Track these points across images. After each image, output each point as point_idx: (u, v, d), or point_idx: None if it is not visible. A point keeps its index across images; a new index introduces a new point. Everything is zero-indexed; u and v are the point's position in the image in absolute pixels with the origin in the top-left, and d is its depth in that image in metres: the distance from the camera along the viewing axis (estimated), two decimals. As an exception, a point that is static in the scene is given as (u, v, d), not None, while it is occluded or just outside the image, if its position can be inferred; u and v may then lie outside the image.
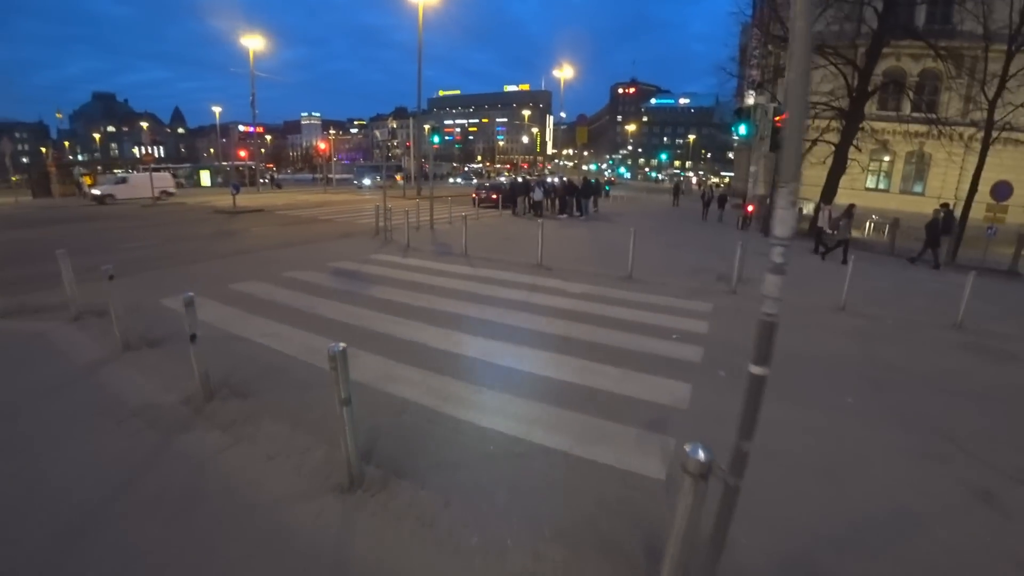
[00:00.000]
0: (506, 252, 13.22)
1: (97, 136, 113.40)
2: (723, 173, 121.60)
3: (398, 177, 51.72)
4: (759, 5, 39.82)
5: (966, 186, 34.18)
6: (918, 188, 36.40)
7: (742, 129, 11.13)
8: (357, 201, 30.78)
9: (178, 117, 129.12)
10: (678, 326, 7.74)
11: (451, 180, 72.91)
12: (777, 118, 10.12)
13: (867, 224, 26.68)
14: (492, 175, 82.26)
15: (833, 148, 23.34)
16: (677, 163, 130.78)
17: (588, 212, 23.61)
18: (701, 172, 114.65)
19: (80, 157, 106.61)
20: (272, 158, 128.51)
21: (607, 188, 41.17)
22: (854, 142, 23.19)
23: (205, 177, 54.59)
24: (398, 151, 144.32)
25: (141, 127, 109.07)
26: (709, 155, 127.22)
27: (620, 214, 26.90)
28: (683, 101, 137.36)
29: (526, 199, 23.31)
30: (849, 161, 23.66)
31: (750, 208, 11.32)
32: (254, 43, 40.16)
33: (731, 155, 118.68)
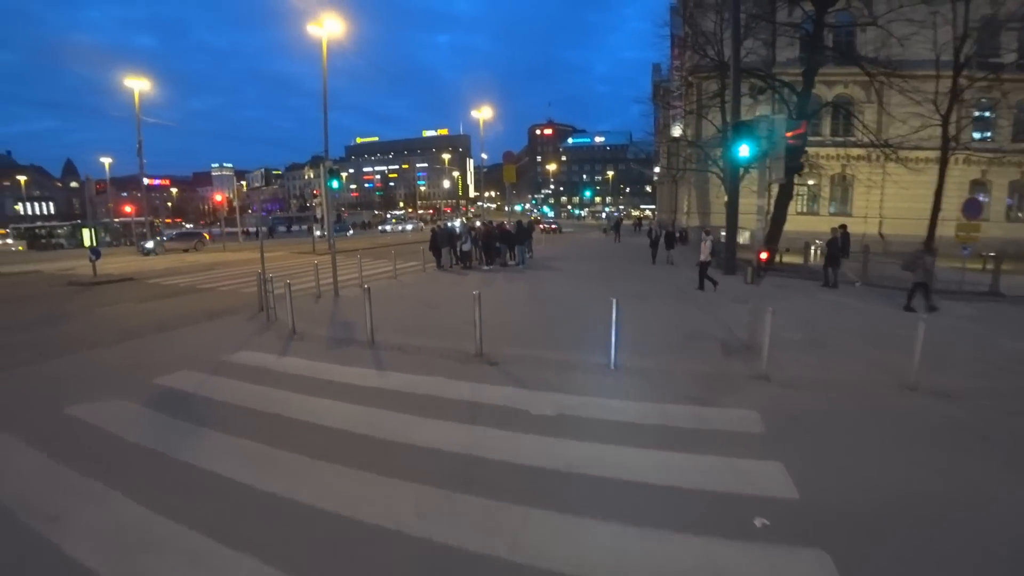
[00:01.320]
0: (430, 331, 9.47)
1: None
2: (642, 206, 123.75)
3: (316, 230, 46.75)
4: (679, 40, 39.24)
5: (890, 205, 35.14)
6: (844, 209, 36.40)
7: (743, 150, 8.21)
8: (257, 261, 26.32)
9: (70, 170, 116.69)
10: (738, 480, 4.36)
11: (381, 228, 69.25)
12: (790, 132, 7.21)
13: (813, 249, 25.12)
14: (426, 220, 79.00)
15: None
16: (598, 199, 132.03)
17: (524, 260, 20.41)
18: (622, 207, 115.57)
19: None
20: (179, 212, 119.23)
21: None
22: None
23: (89, 237, 47.49)
24: (316, 200, 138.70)
25: (19, 181, 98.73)
26: (628, 189, 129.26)
27: (558, 257, 23.88)
28: (599, 139, 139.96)
29: (452, 250, 19.87)
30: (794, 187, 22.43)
31: (764, 255, 8.16)
32: (139, 85, 35.97)
33: (649, 188, 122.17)
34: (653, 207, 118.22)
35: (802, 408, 6.13)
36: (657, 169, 66.41)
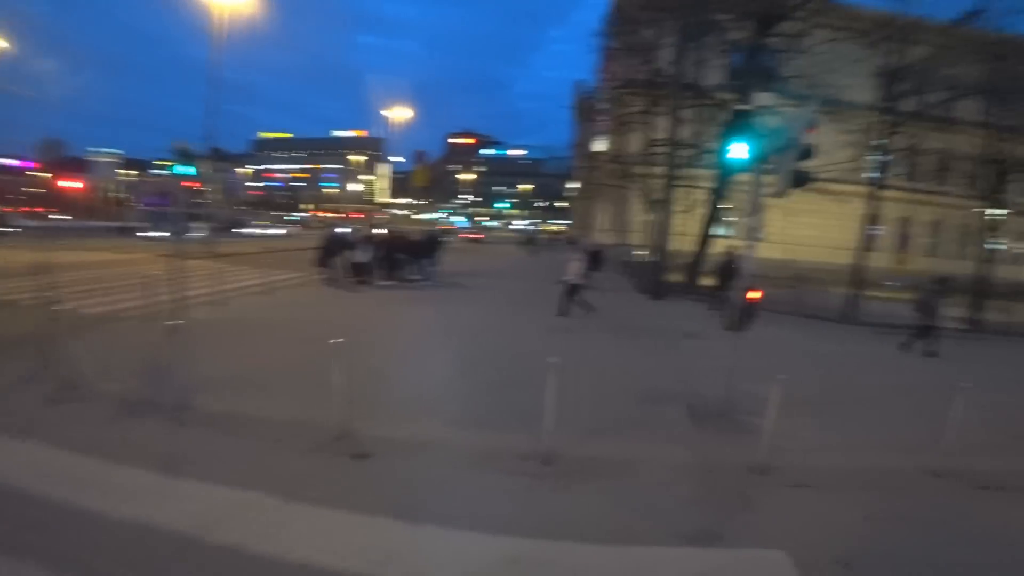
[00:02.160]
0: (284, 384, 6.48)
1: None
2: (555, 221, 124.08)
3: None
4: (610, 53, 38.14)
5: (795, 232, 35.87)
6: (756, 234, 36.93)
7: (738, 150, 5.92)
8: (117, 264, 21.67)
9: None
10: None
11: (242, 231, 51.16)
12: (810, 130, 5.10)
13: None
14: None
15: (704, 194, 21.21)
16: (514, 212, 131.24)
17: (430, 275, 17.64)
18: (537, 221, 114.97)
19: None
20: (49, 200, 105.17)
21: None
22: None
23: None
24: (215, 196, 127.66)
25: None
26: (543, 204, 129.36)
27: (470, 274, 21.26)
28: (515, 152, 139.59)
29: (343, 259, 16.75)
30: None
31: (756, 295, 5.95)
32: None
33: (564, 204, 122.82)
34: (568, 222, 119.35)
35: (843, 532, 3.92)
36: (573, 184, 65.77)
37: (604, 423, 5.82)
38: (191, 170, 10.42)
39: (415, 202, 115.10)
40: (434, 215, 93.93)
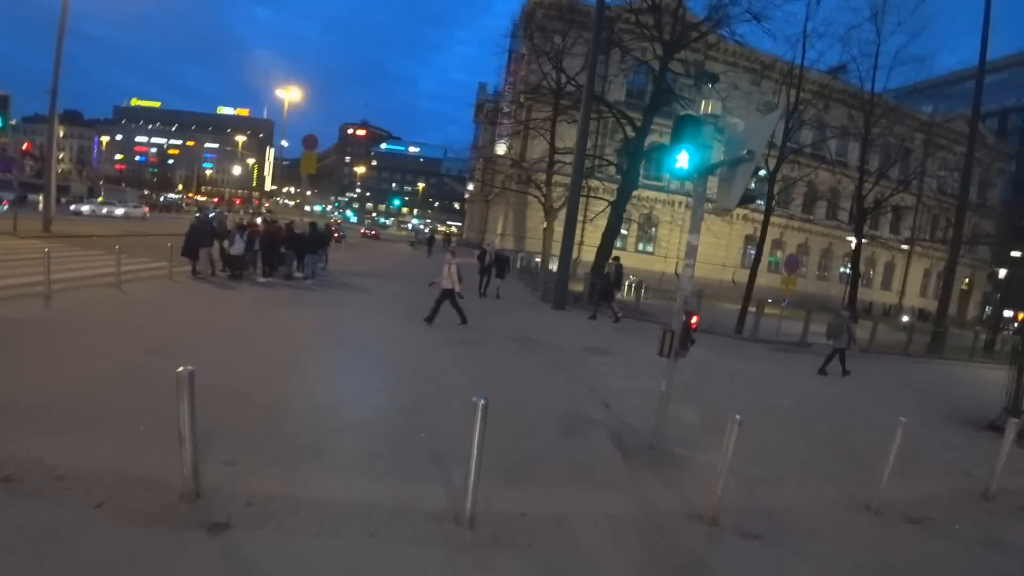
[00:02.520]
0: (110, 421, 4.74)
1: None
2: (449, 223, 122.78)
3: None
4: (517, 57, 37.73)
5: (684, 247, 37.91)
6: (649, 248, 38.58)
7: (681, 159, 5.26)
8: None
9: None
10: None
11: (73, 208, 36.73)
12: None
13: (626, 284, 24.96)
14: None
15: (606, 205, 21.39)
16: (406, 210, 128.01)
17: (316, 273, 15.95)
18: (430, 221, 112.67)
19: None
20: None
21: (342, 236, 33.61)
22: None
23: None
24: (65, 165, 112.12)
25: None
26: (437, 204, 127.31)
27: (360, 273, 19.61)
28: (413, 149, 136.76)
29: (218, 251, 14.70)
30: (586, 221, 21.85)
31: (694, 320, 5.39)
32: None
33: (458, 206, 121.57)
34: (460, 224, 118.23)
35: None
36: (471, 187, 64.99)
37: (527, 463, 4.93)
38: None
39: (304, 192, 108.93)
40: (323, 208, 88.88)
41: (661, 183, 33.46)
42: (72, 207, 34.49)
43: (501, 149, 36.53)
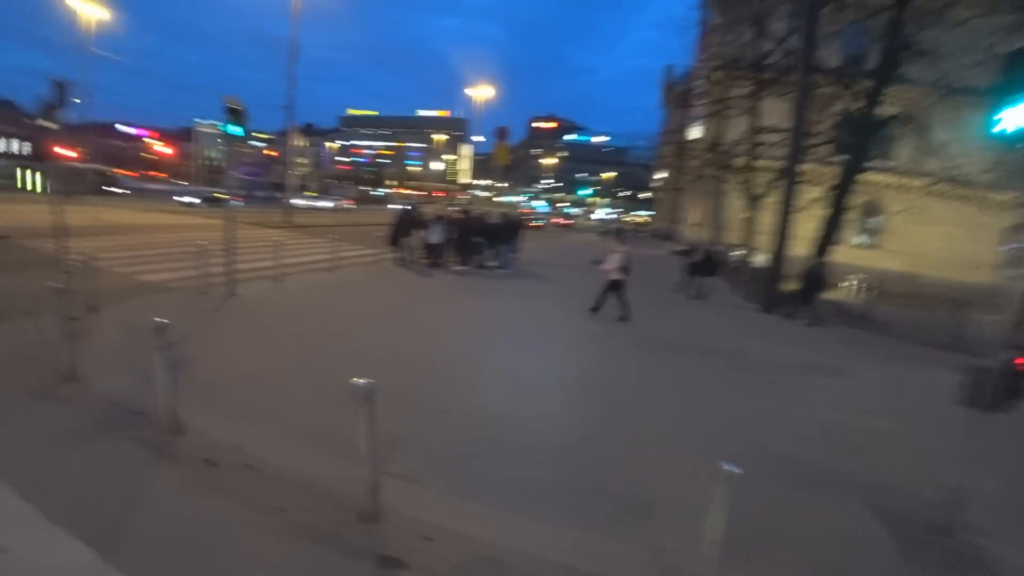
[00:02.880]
0: (308, 413, 4.78)
1: None
2: (637, 212, 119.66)
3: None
4: (710, 29, 34.82)
5: (921, 242, 31.41)
6: (868, 241, 33.06)
7: (1013, 116, 3.71)
8: (204, 228, 21.41)
9: (52, 106, 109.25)
10: None
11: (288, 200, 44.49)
12: None
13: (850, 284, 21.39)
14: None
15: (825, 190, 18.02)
16: (594, 200, 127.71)
17: (508, 263, 15.93)
18: (619, 210, 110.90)
19: None
20: (154, 165, 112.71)
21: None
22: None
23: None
24: (304, 169, 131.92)
25: None
26: (625, 194, 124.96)
27: (550, 264, 19.37)
28: (600, 139, 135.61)
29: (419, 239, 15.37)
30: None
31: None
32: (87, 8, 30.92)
33: (646, 195, 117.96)
34: (650, 213, 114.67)
35: None
36: (660, 175, 62.10)
37: (754, 535, 3.58)
38: (239, 131, 9.14)
39: (496, 184, 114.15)
40: (514, 198, 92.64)
41: (890, 164, 28.16)
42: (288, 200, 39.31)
43: (695, 133, 33.79)
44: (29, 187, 41.49)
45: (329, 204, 44.88)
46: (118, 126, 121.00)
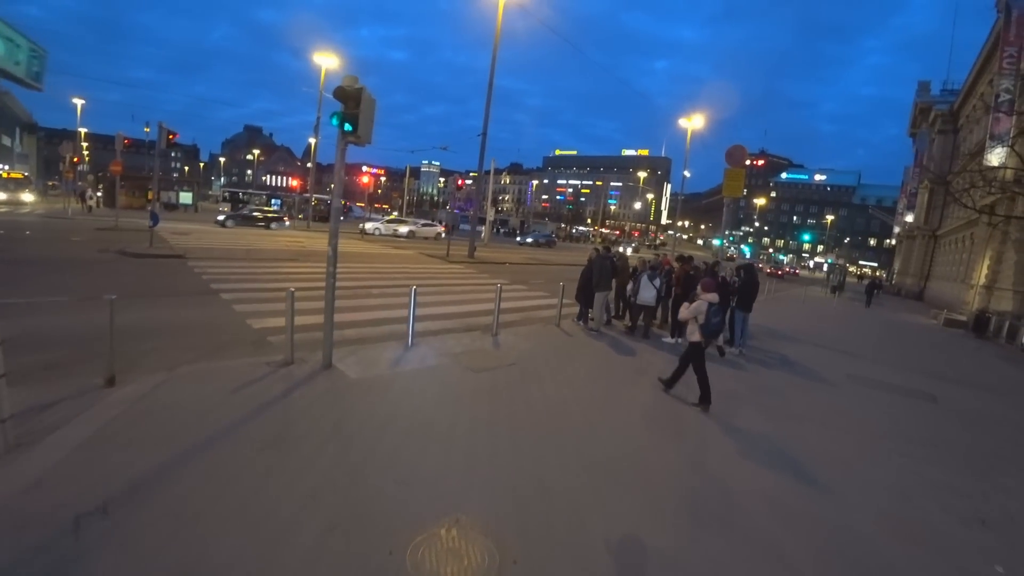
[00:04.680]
0: None
1: (223, 160, 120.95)
2: (862, 263, 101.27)
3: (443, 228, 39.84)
4: (1015, 20, 25.50)
5: None
6: None
7: None
8: (386, 258, 19.76)
9: (309, 153, 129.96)
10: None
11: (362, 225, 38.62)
12: None
13: None
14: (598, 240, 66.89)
15: None
16: (808, 246, 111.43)
17: (745, 338, 10.65)
18: (840, 259, 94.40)
19: (222, 179, 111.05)
20: (384, 199, 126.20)
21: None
22: None
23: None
24: (508, 205, 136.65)
25: (276, 157, 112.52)
26: (847, 240, 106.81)
27: (789, 336, 13.48)
28: (819, 178, 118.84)
29: (617, 297, 10.98)
30: None
31: None
32: (326, 61, 32.73)
33: (872, 241, 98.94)
34: (874, 264, 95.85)
35: None
36: (910, 218, 49.26)
37: None
38: (347, 125, 5.57)
39: (723, 222, 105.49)
40: (721, 241, 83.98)
41: None
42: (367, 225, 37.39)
43: (995, 158, 24.30)
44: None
45: (404, 229, 36.69)
46: (364, 167, 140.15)
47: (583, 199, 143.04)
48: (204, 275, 11.69)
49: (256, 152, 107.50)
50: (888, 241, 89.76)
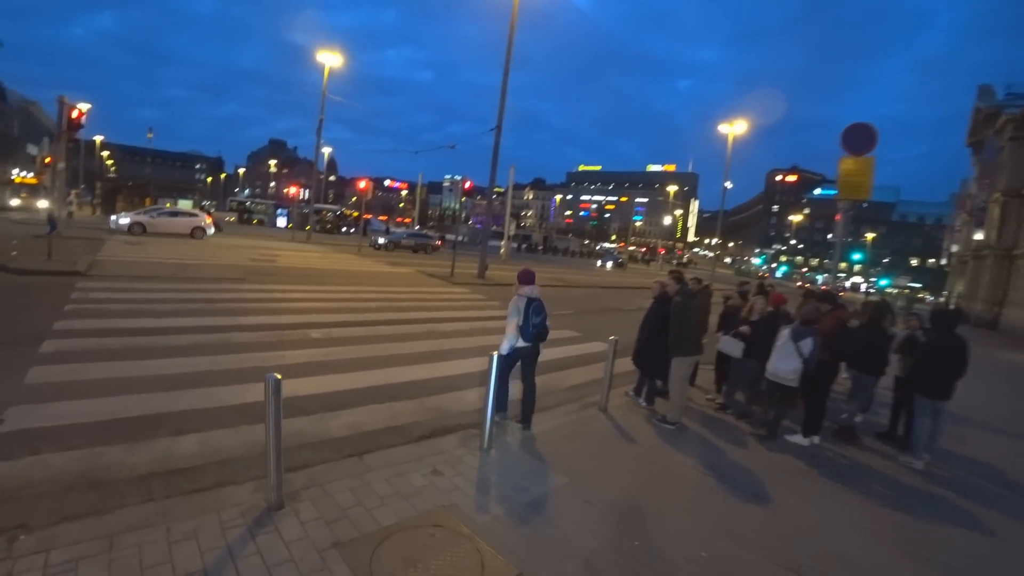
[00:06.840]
0: None
1: (241, 171, 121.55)
2: (911, 284, 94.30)
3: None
4: None
5: None
6: None
7: None
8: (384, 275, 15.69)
9: (331, 165, 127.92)
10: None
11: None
12: None
13: None
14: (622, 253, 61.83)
15: None
16: (843, 264, 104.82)
17: (859, 411, 6.20)
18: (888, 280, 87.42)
19: (245, 191, 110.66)
20: (406, 212, 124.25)
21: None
22: None
23: (280, 220, 47.21)
24: (531, 220, 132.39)
25: (298, 170, 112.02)
26: (885, 260, 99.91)
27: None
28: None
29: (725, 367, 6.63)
30: None
31: None
32: (330, 59, 30.25)
33: (917, 261, 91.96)
34: (917, 285, 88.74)
35: None
36: (979, 235, 43.52)
37: None
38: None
39: (723, 244, 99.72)
40: (763, 259, 77.73)
41: None
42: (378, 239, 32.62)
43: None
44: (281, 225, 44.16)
45: (381, 240, 31.10)
46: (387, 182, 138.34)
47: (607, 215, 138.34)
48: (76, 304, 7.76)
49: (273, 163, 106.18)
50: (933, 261, 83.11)
